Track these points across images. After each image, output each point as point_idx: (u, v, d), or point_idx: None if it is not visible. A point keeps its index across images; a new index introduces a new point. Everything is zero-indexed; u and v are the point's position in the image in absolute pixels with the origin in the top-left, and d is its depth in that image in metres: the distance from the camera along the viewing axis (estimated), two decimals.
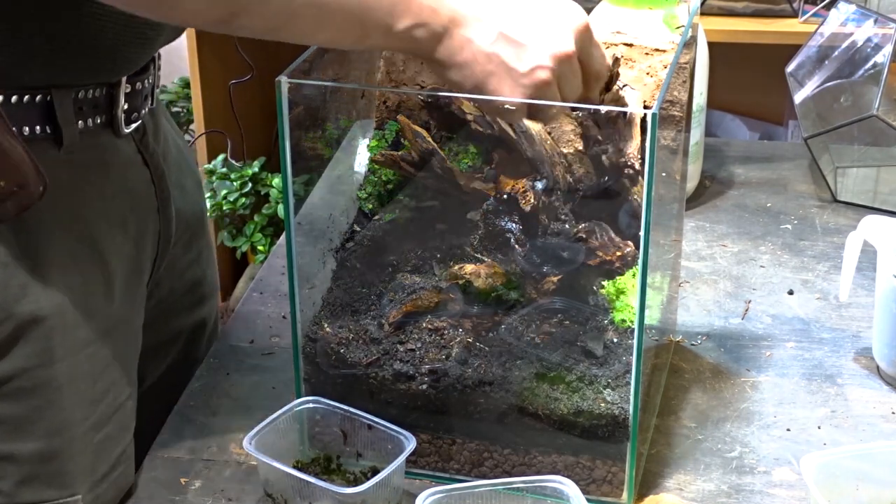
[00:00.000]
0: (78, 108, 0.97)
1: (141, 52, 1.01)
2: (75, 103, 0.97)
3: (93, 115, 0.99)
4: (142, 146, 1.07)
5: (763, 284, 1.39)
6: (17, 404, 0.96)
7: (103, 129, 1.01)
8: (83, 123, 0.98)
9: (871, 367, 1.23)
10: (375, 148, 1.08)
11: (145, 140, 1.07)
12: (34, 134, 0.94)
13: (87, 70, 0.97)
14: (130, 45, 0.98)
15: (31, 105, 0.94)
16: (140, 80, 1.04)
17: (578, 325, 1.02)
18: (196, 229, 1.22)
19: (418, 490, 0.98)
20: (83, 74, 0.97)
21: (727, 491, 1.06)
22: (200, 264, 1.25)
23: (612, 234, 1.00)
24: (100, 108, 1.00)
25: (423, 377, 1.02)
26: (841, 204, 1.59)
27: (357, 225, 1.10)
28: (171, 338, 1.23)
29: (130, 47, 0.99)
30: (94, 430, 1.01)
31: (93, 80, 0.98)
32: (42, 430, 0.97)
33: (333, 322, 1.06)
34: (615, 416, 1.00)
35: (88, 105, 0.98)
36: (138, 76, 1.03)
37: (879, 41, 1.63)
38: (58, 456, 0.98)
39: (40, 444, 0.97)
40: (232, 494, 1.05)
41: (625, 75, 1.01)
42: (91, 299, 1.00)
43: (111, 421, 1.03)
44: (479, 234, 1.04)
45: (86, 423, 1.00)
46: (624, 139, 0.99)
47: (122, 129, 1.02)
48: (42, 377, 0.96)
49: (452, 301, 1.03)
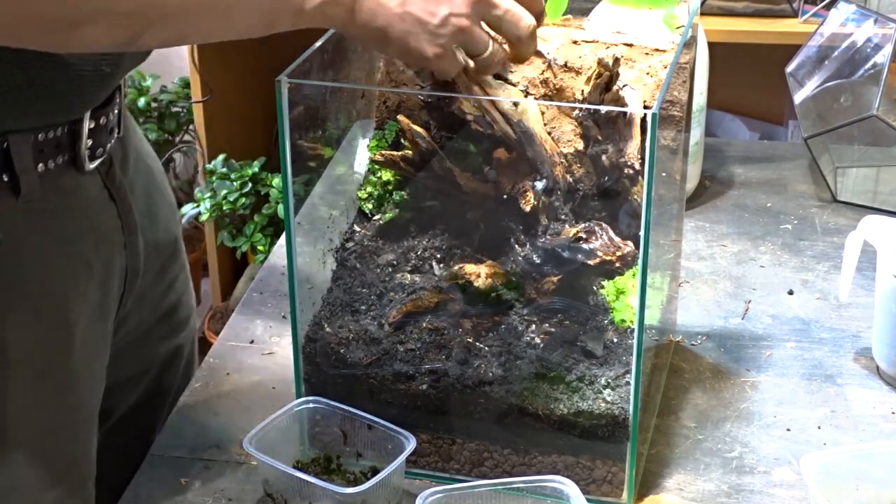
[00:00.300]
0: (38, 150, 0.93)
1: (100, 89, 0.97)
2: (35, 146, 0.93)
3: (54, 156, 0.95)
4: (108, 180, 1.03)
5: (763, 284, 1.39)
6: None
7: (66, 168, 0.97)
8: (43, 166, 0.94)
9: (871, 367, 1.23)
10: (375, 148, 1.08)
11: (112, 173, 1.03)
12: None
13: (44, 113, 0.93)
14: (88, 83, 0.95)
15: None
16: (104, 113, 1.00)
17: (578, 325, 1.02)
18: (169, 255, 1.18)
19: (418, 490, 0.98)
20: (41, 117, 0.93)
21: (727, 491, 1.06)
22: (175, 291, 1.21)
23: (612, 234, 1.00)
24: (62, 147, 0.96)
25: (423, 377, 1.02)
26: (841, 204, 1.59)
27: (357, 225, 1.10)
28: (141, 370, 1.19)
29: (88, 86, 0.95)
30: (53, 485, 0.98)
31: (52, 121, 0.94)
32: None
33: (333, 322, 1.06)
34: (615, 416, 1.00)
35: (49, 146, 0.94)
36: (102, 109, 1.00)
37: (879, 41, 1.63)
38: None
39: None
40: (232, 494, 1.05)
41: (625, 75, 1.01)
42: (52, 352, 0.96)
43: (69, 475, 1.00)
44: (479, 234, 1.04)
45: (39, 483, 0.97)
46: (624, 139, 0.99)
47: (85, 167, 0.98)
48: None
49: (452, 301, 1.03)
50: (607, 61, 0.96)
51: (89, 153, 0.99)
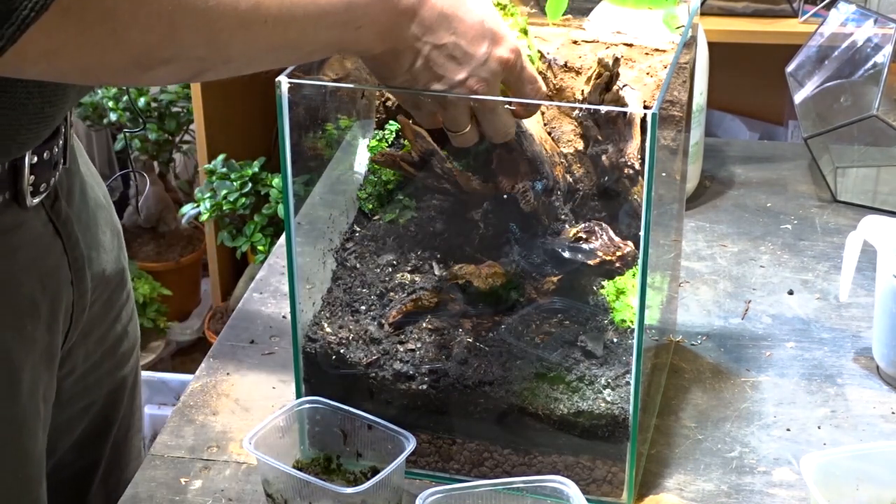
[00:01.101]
0: None
1: (41, 129, 0.92)
2: None
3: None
4: (52, 214, 0.98)
5: (763, 284, 1.39)
6: None
7: (7, 206, 0.92)
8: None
9: (871, 367, 1.23)
10: (375, 148, 1.08)
11: (57, 206, 0.99)
12: None
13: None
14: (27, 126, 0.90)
15: None
16: (48, 147, 0.95)
17: (578, 326, 1.02)
18: (115, 286, 1.13)
19: (418, 490, 0.98)
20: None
21: (727, 491, 1.06)
22: (121, 321, 1.16)
23: (612, 234, 1.00)
24: (2, 184, 0.91)
25: (423, 377, 1.02)
26: (841, 204, 1.58)
27: (357, 225, 1.10)
28: (86, 405, 1.14)
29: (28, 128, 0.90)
30: None
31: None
32: None
33: (333, 322, 1.06)
34: (615, 416, 1.00)
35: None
36: (45, 145, 0.95)
37: (879, 41, 1.63)
38: None
39: None
40: (232, 494, 1.05)
41: (625, 75, 1.01)
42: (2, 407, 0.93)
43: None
44: (479, 234, 1.04)
45: None
46: (624, 139, 0.99)
47: (28, 202, 0.94)
48: None
49: (452, 301, 1.03)
50: (607, 61, 0.96)
51: (32, 189, 0.94)
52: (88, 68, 0.78)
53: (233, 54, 0.82)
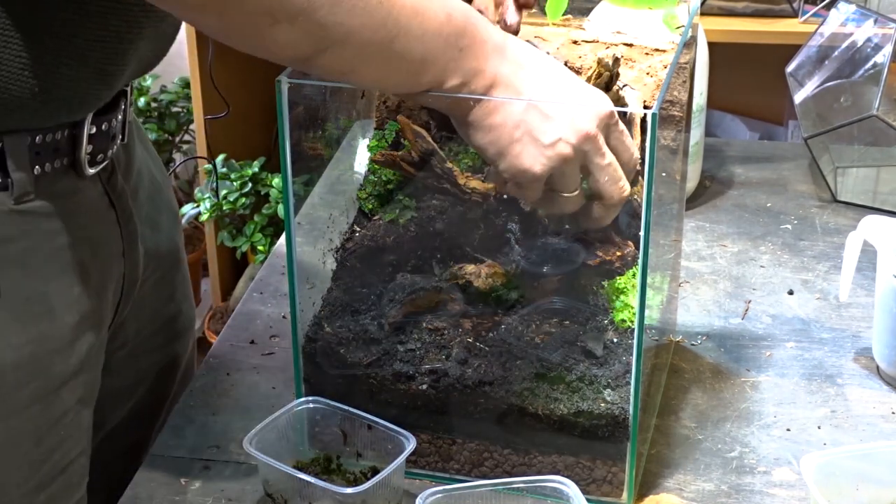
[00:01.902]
0: (35, 153, 0.92)
1: (102, 89, 0.95)
2: (31, 148, 0.91)
3: (52, 160, 0.93)
4: (109, 186, 1.01)
5: (763, 284, 1.39)
6: None
7: (65, 172, 0.95)
8: (40, 168, 0.92)
9: (871, 367, 1.23)
10: (375, 148, 1.08)
11: (113, 179, 1.02)
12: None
13: (42, 110, 0.91)
14: (89, 82, 0.92)
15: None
16: (107, 119, 0.98)
17: (578, 325, 1.02)
18: (170, 266, 1.17)
19: (418, 490, 0.98)
20: (39, 116, 0.91)
21: (727, 491, 1.06)
22: (175, 301, 1.20)
23: (612, 234, 1.00)
24: (60, 150, 0.94)
25: (423, 377, 1.02)
26: (841, 204, 1.59)
27: (357, 225, 1.10)
28: (135, 380, 1.17)
29: (89, 84, 0.93)
30: (36, 491, 0.97)
31: (51, 122, 0.92)
32: None
33: (333, 322, 1.06)
34: (615, 416, 1.00)
35: (47, 149, 0.93)
36: (105, 115, 0.98)
37: (879, 41, 1.63)
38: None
39: None
40: (232, 494, 1.05)
41: (625, 75, 1.01)
42: (39, 358, 0.94)
43: (57, 481, 0.98)
44: (479, 234, 1.04)
45: (26, 486, 0.96)
46: None
47: (85, 172, 0.97)
48: None
49: (452, 301, 1.03)
50: (607, 61, 0.96)
51: (89, 158, 0.97)
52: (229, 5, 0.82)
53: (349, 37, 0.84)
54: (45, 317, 0.95)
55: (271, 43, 0.85)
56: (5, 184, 0.91)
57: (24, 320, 0.93)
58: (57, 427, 0.97)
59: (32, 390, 0.94)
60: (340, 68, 0.88)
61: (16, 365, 0.93)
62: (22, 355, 0.93)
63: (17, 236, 0.92)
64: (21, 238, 0.92)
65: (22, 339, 0.93)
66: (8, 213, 0.91)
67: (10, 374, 0.92)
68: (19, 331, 0.93)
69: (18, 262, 0.92)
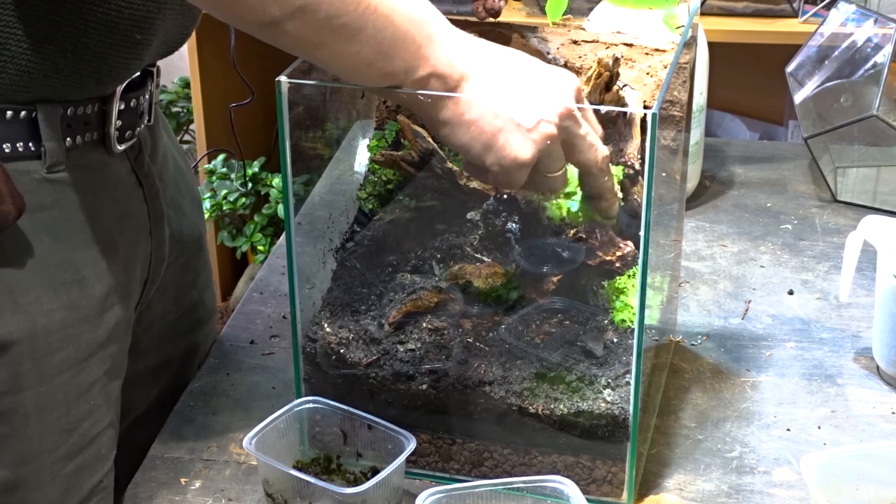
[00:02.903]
0: (66, 124, 0.94)
1: (130, 59, 0.97)
2: (63, 120, 0.94)
3: (82, 132, 0.96)
4: (136, 165, 1.04)
5: (763, 284, 1.39)
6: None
7: (94, 146, 0.98)
8: (71, 140, 0.95)
9: (871, 367, 1.23)
10: (375, 148, 1.08)
11: (140, 159, 1.05)
12: (16, 151, 0.92)
13: (73, 77, 0.93)
14: (117, 49, 0.95)
15: (14, 121, 0.91)
16: (136, 95, 1.01)
17: (578, 325, 1.02)
18: (193, 251, 1.19)
19: (418, 490, 0.98)
20: (70, 84, 0.93)
21: (727, 491, 1.06)
22: (197, 287, 1.22)
23: (612, 234, 1.00)
24: (91, 125, 0.97)
25: (423, 377, 1.02)
26: (841, 204, 1.59)
27: (357, 225, 1.10)
28: (161, 363, 1.19)
29: (117, 53, 0.95)
30: (66, 459, 0.98)
31: (81, 94, 0.95)
32: (7, 459, 0.94)
33: (333, 322, 1.06)
34: (615, 416, 1.00)
35: (78, 122, 0.95)
36: (133, 91, 1.01)
37: (879, 41, 1.63)
38: (22, 486, 0.96)
39: (4, 473, 0.95)
40: (232, 494, 1.05)
41: (625, 75, 1.01)
42: (69, 325, 0.96)
43: (85, 451, 1.00)
44: (479, 234, 1.04)
45: (55, 453, 0.97)
46: (624, 139, 0.99)
47: (114, 147, 1.00)
48: (8, 404, 0.93)
49: (452, 301, 1.03)
50: (607, 61, 0.96)
51: (118, 134, 1.00)
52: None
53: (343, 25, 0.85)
54: (76, 285, 0.97)
55: (239, 3, 0.85)
56: (38, 152, 0.93)
57: (56, 287, 0.95)
58: (86, 396, 0.99)
59: (63, 358, 0.96)
60: (310, 38, 0.87)
61: (47, 330, 0.95)
62: (53, 321, 0.95)
63: (48, 204, 0.94)
64: (52, 206, 0.95)
65: (54, 304, 0.95)
66: (40, 182, 0.94)
67: (41, 340, 0.94)
68: (51, 297, 0.95)
69: (50, 229, 0.95)
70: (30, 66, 0.90)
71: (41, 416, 0.96)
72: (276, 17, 0.85)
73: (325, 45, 0.88)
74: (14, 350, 0.93)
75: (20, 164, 0.92)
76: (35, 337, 0.94)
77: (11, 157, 0.92)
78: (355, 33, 0.87)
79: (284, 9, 0.85)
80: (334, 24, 0.86)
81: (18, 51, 0.89)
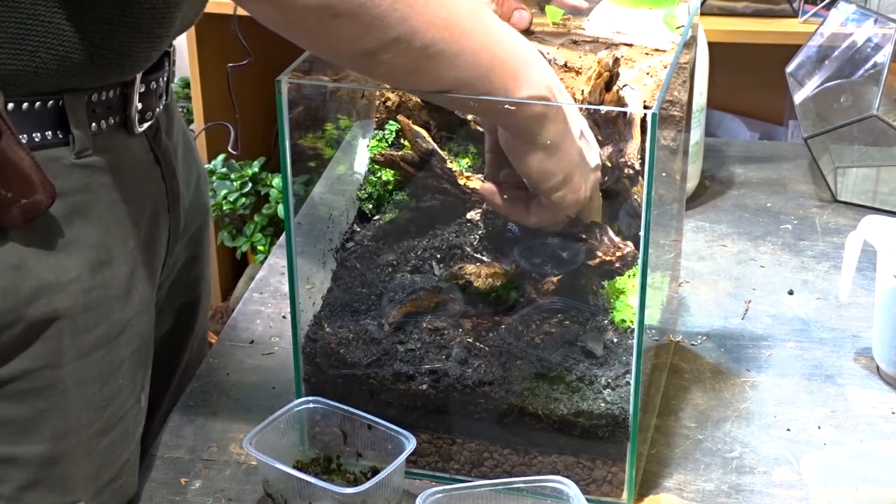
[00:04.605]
0: (91, 110, 0.97)
1: (151, 51, 1.00)
2: (88, 106, 0.96)
3: (106, 117, 0.98)
4: (154, 143, 1.06)
5: (763, 284, 1.39)
6: (22, 406, 0.95)
7: (116, 129, 1.00)
8: (96, 125, 0.97)
9: (871, 367, 1.23)
10: (375, 148, 1.08)
11: (158, 137, 1.07)
12: (45, 139, 0.94)
13: (97, 73, 0.96)
14: (140, 45, 0.97)
15: (42, 111, 0.93)
16: (154, 78, 1.04)
17: (578, 326, 1.02)
18: (199, 227, 1.21)
19: (418, 490, 0.98)
20: (94, 78, 0.96)
21: (727, 491, 1.06)
22: (198, 265, 1.24)
23: (612, 234, 1.00)
24: (113, 108, 0.99)
25: (423, 377, 1.02)
26: (841, 204, 1.59)
27: (357, 225, 1.10)
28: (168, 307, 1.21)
29: (140, 48, 0.98)
30: (100, 435, 1.00)
31: (105, 82, 0.97)
32: (46, 434, 0.96)
33: (333, 322, 1.06)
34: (615, 416, 1.00)
35: (102, 107, 0.98)
36: (152, 74, 1.03)
37: (879, 41, 1.63)
38: (62, 460, 0.98)
39: (44, 448, 0.96)
40: (232, 494, 1.05)
41: (625, 75, 1.01)
42: (104, 303, 0.99)
43: (116, 427, 1.02)
44: (479, 234, 1.04)
45: (91, 429, 0.99)
46: (624, 139, 0.99)
47: (135, 129, 1.02)
48: (49, 379, 0.96)
49: (452, 301, 1.03)
50: (607, 61, 0.96)
51: (139, 116, 1.02)
52: None
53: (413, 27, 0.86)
54: (108, 265, 0.99)
55: (333, 36, 0.86)
56: (67, 139, 0.95)
57: (93, 267, 0.98)
58: (116, 375, 1.01)
59: (98, 334, 0.98)
60: (405, 66, 0.89)
61: (87, 307, 0.97)
62: (91, 299, 0.97)
63: (79, 189, 0.97)
64: (82, 191, 0.97)
65: (91, 283, 0.97)
66: (70, 167, 0.96)
67: (81, 317, 0.97)
68: (89, 276, 0.97)
69: (81, 212, 0.97)
70: (58, 70, 0.92)
71: (79, 392, 0.98)
72: (372, 49, 0.86)
73: (422, 71, 0.89)
74: (57, 326, 0.95)
75: (50, 152, 0.94)
76: (76, 314, 0.96)
77: (41, 146, 0.94)
78: (452, 59, 0.88)
79: (380, 41, 0.86)
80: (430, 53, 0.87)
81: (48, 57, 0.91)
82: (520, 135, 0.93)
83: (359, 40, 0.86)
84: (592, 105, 0.98)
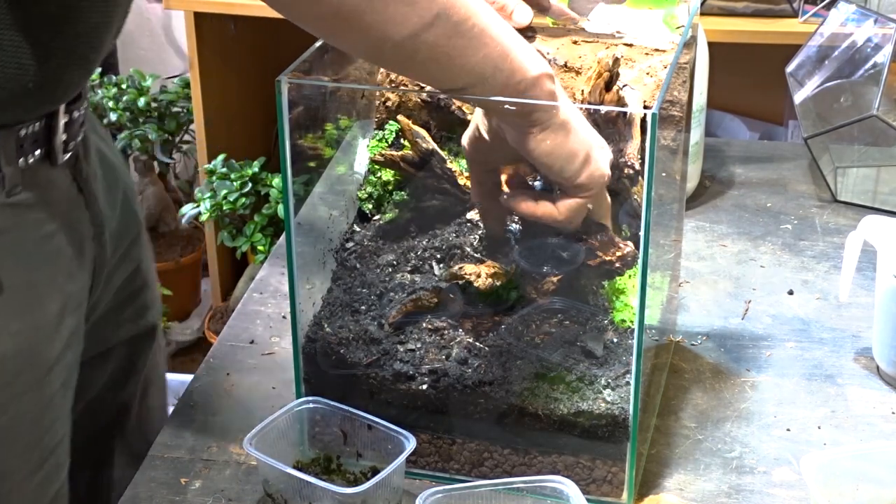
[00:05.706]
0: (19, 145, 0.94)
1: (81, 78, 0.98)
2: (16, 141, 0.93)
3: (32, 151, 0.95)
4: (75, 171, 1.03)
5: (763, 284, 1.39)
6: None
7: (41, 162, 0.97)
8: (24, 161, 0.94)
9: (871, 367, 1.23)
10: (375, 148, 1.08)
11: (78, 164, 1.04)
12: None
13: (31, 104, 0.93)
14: (72, 72, 0.95)
15: None
16: (77, 107, 1.00)
17: (578, 326, 1.02)
18: (131, 241, 1.17)
19: (418, 490, 0.98)
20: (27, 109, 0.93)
21: (727, 491, 1.06)
22: (141, 273, 1.20)
23: (612, 234, 1.00)
24: (39, 141, 0.96)
25: (423, 377, 1.02)
26: (841, 204, 1.59)
27: (357, 225, 1.10)
28: (109, 348, 1.18)
29: (72, 75, 0.95)
30: (33, 474, 0.99)
31: (36, 113, 0.95)
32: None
33: (333, 322, 1.06)
34: (615, 416, 1.00)
35: (29, 141, 0.95)
36: (75, 104, 1.00)
37: (879, 41, 1.63)
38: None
39: None
40: (232, 494, 1.05)
41: (625, 75, 1.01)
42: (32, 345, 0.97)
43: (48, 462, 1.00)
44: (479, 234, 1.04)
45: (24, 470, 0.98)
46: (624, 139, 0.99)
47: (59, 160, 0.99)
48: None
49: (452, 301, 1.03)
50: (607, 61, 0.96)
51: (63, 146, 0.99)
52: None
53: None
54: (36, 305, 0.97)
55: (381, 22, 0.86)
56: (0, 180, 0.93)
57: (21, 310, 0.95)
58: (47, 411, 0.99)
59: (28, 377, 0.96)
60: (443, 47, 0.88)
61: (16, 353, 0.95)
62: (19, 343, 0.95)
63: (10, 228, 0.94)
64: (13, 229, 0.95)
65: (19, 327, 0.95)
66: (2, 207, 0.93)
67: (10, 363, 0.94)
68: (17, 320, 0.95)
69: (12, 252, 0.94)
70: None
71: (13, 436, 0.96)
72: (416, 29, 0.87)
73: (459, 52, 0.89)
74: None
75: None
76: (4, 361, 0.94)
77: None
78: (480, 35, 0.89)
79: (424, 18, 0.86)
80: (464, 29, 0.88)
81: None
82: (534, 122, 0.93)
83: (406, 20, 0.86)
84: (592, 105, 0.98)
